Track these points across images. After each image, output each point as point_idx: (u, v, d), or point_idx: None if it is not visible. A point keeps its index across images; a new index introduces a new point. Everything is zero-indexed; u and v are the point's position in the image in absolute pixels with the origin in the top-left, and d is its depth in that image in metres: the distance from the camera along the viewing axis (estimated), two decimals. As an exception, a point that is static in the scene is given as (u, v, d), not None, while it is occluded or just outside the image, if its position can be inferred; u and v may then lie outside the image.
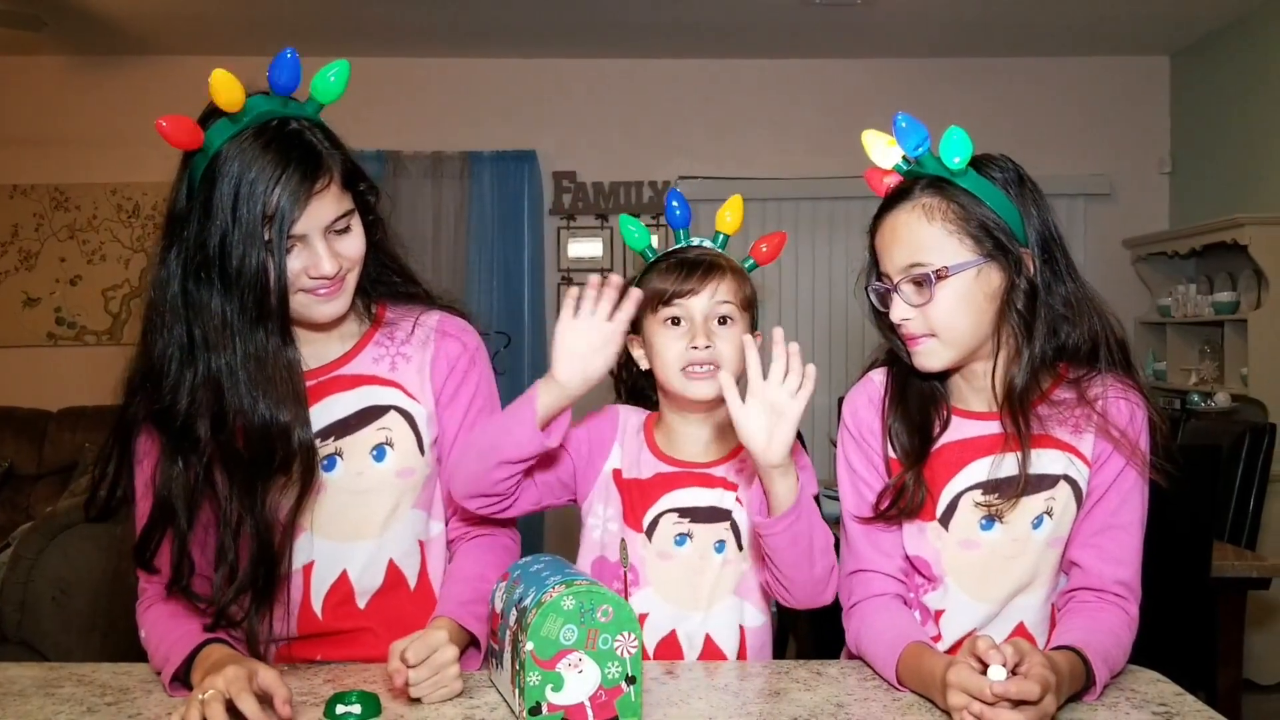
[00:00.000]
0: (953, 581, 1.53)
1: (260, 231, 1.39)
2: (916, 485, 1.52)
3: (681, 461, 1.64)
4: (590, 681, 1.25)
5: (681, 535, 1.60)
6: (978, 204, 1.46)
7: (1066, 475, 1.50)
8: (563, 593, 1.24)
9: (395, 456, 1.57)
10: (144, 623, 1.51)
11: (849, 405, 1.64)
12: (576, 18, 5.10)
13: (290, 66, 1.45)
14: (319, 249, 1.44)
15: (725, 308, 1.60)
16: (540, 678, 1.24)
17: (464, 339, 1.65)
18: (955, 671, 1.26)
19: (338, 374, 1.58)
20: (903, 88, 5.65)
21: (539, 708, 1.24)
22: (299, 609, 1.56)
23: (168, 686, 1.40)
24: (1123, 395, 1.50)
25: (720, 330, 1.60)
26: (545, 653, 1.24)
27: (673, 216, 1.70)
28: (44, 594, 3.02)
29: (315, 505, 1.53)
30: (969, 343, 1.48)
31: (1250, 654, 3.79)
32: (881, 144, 1.54)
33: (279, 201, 1.39)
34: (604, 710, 1.26)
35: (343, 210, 1.47)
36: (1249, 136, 5.01)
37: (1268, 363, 4.46)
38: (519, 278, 5.70)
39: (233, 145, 1.41)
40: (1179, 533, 2.78)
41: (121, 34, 5.28)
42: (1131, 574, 1.49)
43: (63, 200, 5.70)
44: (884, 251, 1.50)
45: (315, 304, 1.49)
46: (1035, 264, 1.47)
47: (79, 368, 5.64)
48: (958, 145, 1.45)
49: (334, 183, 1.45)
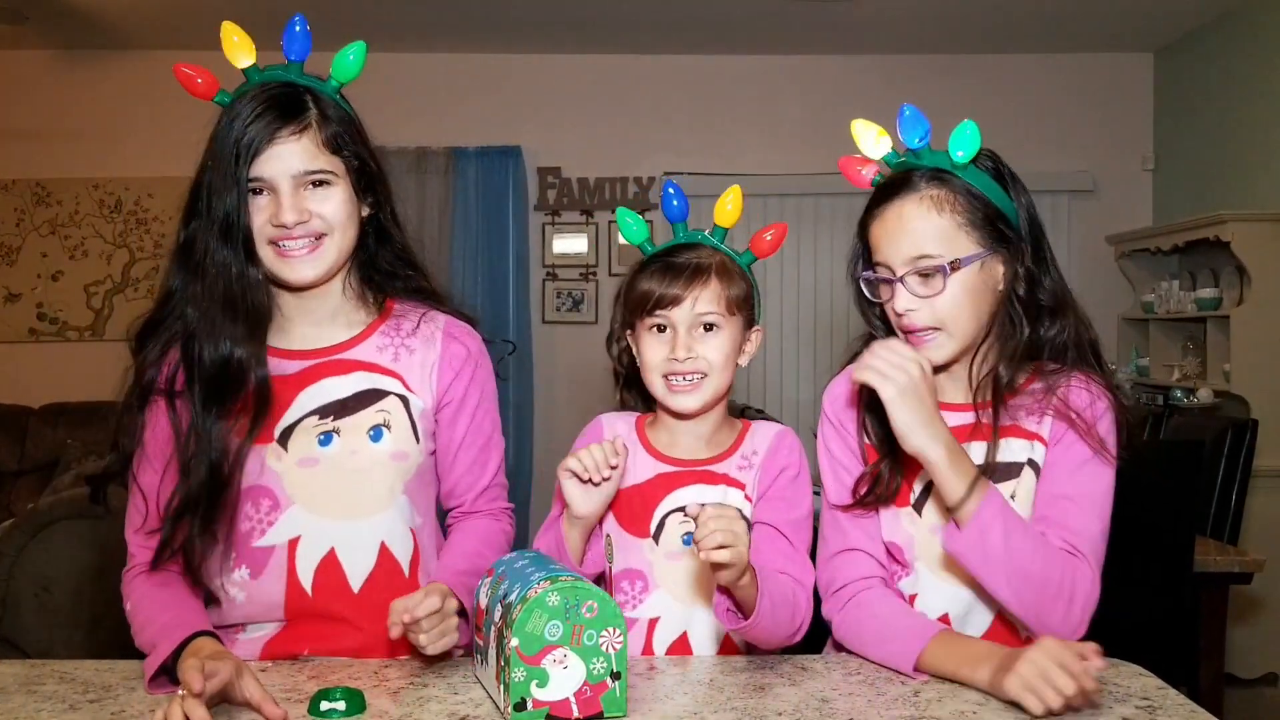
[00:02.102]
0: (924, 567, 1.54)
1: (232, 168, 1.47)
2: (892, 473, 1.54)
3: (682, 460, 1.63)
4: (575, 677, 1.25)
5: (688, 534, 1.57)
6: (980, 196, 1.48)
7: (1030, 460, 1.52)
8: (548, 588, 1.24)
9: (391, 439, 1.59)
10: (130, 592, 1.53)
11: (829, 394, 1.65)
12: (562, 13, 5.09)
13: (300, 35, 1.56)
14: (284, 197, 1.50)
15: (709, 316, 1.57)
16: (525, 673, 1.24)
17: (469, 343, 1.68)
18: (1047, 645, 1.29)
19: (339, 357, 1.61)
20: (888, 83, 5.65)
21: (524, 704, 1.24)
22: (286, 586, 1.56)
23: (149, 684, 1.38)
24: (1085, 385, 1.51)
25: (704, 337, 1.57)
26: (530, 648, 1.24)
27: (670, 209, 1.66)
28: (26, 591, 3.00)
29: (306, 480, 1.55)
30: (971, 334, 1.50)
31: (1232, 648, 3.81)
32: (872, 134, 1.54)
33: (248, 136, 1.47)
34: (589, 706, 1.25)
35: (318, 166, 1.51)
36: (1232, 133, 5.03)
37: (1250, 359, 4.48)
38: (503, 274, 5.69)
39: (238, 99, 1.51)
40: (1162, 528, 2.80)
41: (104, 28, 5.25)
42: (1084, 542, 1.44)
43: (44, 195, 5.67)
44: (886, 241, 1.49)
45: (282, 263, 1.53)
46: (1029, 254, 1.49)
47: (61, 364, 5.60)
48: (969, 140, 1.47)
49: (310, 134, 1.51)
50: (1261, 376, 4.46)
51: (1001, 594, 1.40)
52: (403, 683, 1.43)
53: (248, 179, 1.48)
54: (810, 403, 5.08)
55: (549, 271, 5.77)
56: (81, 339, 5.67)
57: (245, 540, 1.56)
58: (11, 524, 3.15)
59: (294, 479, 1.55)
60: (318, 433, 1.56)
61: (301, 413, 1.57)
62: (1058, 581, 1.40)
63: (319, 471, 1.56)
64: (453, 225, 5.68)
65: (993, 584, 1.40)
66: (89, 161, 5.65)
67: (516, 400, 5.62)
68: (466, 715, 1.31)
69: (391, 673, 1.47)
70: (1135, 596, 2.77)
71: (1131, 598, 2.77)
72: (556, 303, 5.77)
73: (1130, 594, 2.84)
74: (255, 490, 1.55)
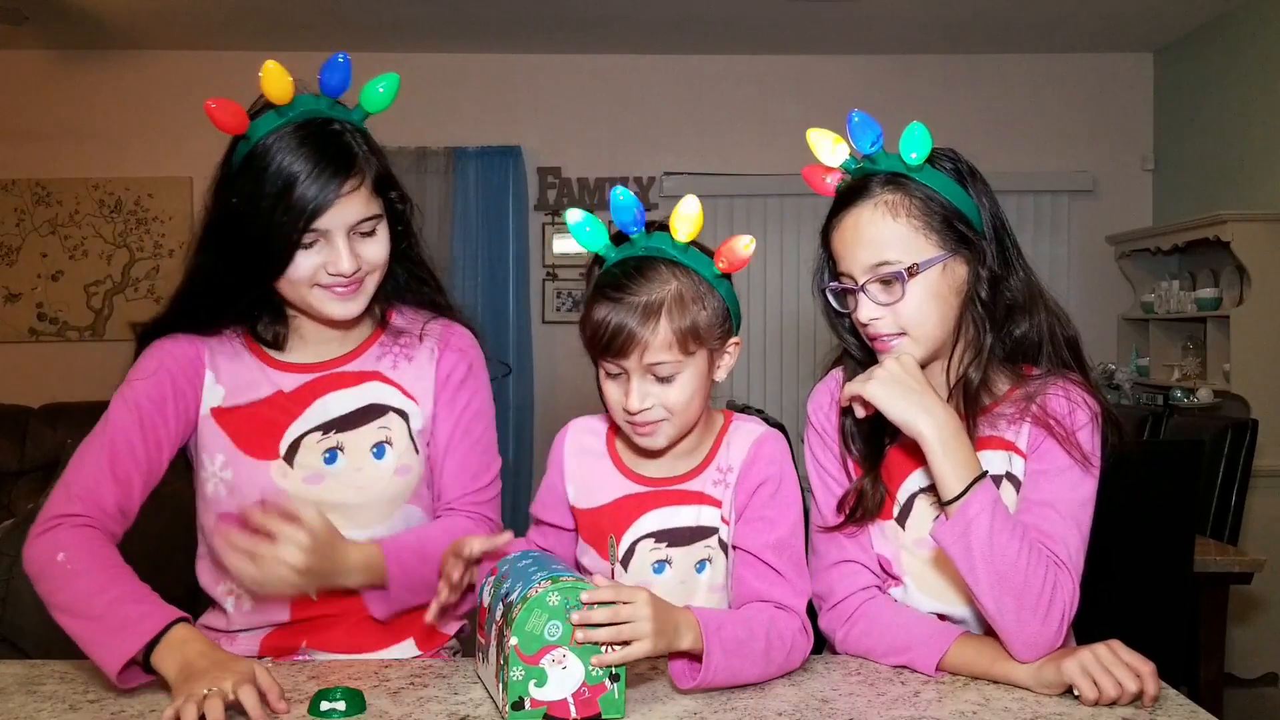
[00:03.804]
0: (911, 581, 1.54)
1: (283, 220, 1.44)
2: (874, 487, 1.53)
3: (652, 479, 1.52)
4: (574, 678, 1.25)
5: (660, 562, 1.50)
6: (938, 198, 1.45)
7: (1008, 473, 1.50)
8: (548, 588, 1.24)
9: (393, 454, 1.60)
10: (62, 542, 1.43)
11: (813, 402, 1.64)
12: (562, 13, 5.09)
13: (342, 69, 1.51)
14: (340, 246, 1.48)
15: (661, 368, 1.40)
16: (524, 673, 1.23)
17: (465, 349, 1.69)
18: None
19: (340, 370, 1.61)
20: (886, 84, 5.66)
21: (521, 703, 1.24)
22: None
23: (119, 675, 1.34)
24: (1064, 393, 1.48)
25: (661, 385, 1.41)
26: (529, 648, 1.23)
27: (624, 225, 1.47)
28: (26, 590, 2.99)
29: (313, 496, 1.55)
30: (938, 338, 1.48)
31: (1232, 648, 3.82)
32: (828, 142, 1.52)
33: (308, 194, 1.44)
34: (587, 707, 1.25)
35: (370, 213, 1.51)
36: (1232, 133, 5.03)
37: (1250, 359, 4.49)
38: (503, 274, 5.69)
39: (275, 137, 1.46)
40: (1162, 528, 2.79)
41: (103, 28, 5.25)
42: (1064, 549, 1.40)
43: (44, 195, 5.67)
44: (845, 251, 1.48)
45: (331, 301, 1.53)
46: (992, 254, 1.47)
47: (61, 364, 5.60)
48: (918, 141, 1.44)
49: (365, 185, 1.50)
50: (1261, 376, 4.46)
51: (981, 592, 1.37)
52: (403, 683, 1.43)
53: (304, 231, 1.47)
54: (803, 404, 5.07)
55: (549, 271, 5.77)
56: (81, 339, 5.67)
57: None
58: (12, 524, 3.15)
59: (300, 495, 1.55)
60: (323, 450, 1.57)
61: (306, 427, 1.57)
62: (1038, 588, 1.35)
63: (324, 489, 1.57)
64: (453, 225, 5.68)
65: (973, 580, 1.37)
66: (89, 161, 5.64)
67: (517, 400, 5.61)
68: (466, 715, 1.31)
69: (391, 673, 1.47)
70: (1135, 596, 2.77)
71: (1131, 598, 2.78)
72: (556, 303, 5.77)
73: (1130, 594, 2.85)
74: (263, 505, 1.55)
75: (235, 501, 1.54)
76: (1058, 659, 1.34)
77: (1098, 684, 1.30)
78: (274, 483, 1.55)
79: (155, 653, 1.34)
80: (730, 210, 5.66)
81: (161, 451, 1.54)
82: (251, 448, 1.56)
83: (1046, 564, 1.37)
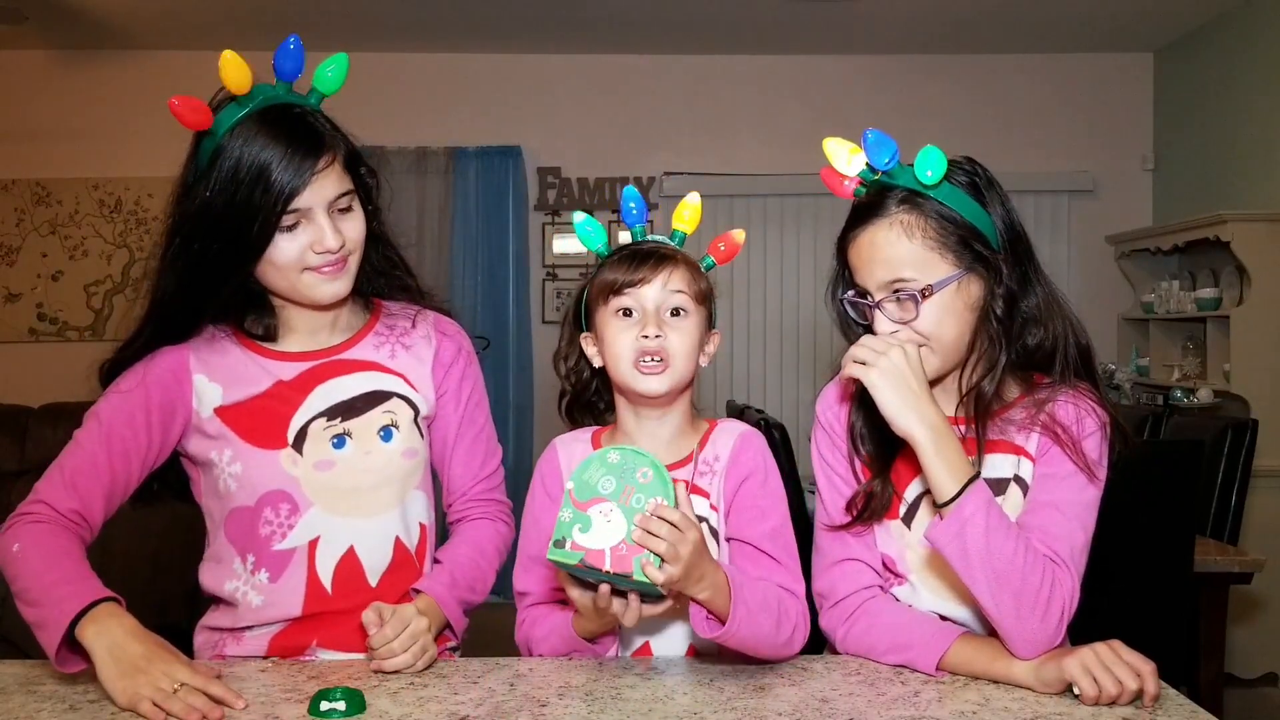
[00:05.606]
0: (916, 580, 1.55)
1: (262, 203, 1.46)
2: (884, 487, 1.54)
3: None
4: (616, 533, 1.31)
5: None
6: (953, 216, 1.45)
7: (1016, 476, 1.51)
8: (610, 447, 1.35)
9: (400, 437, 1.64)
10: (18, 536, 1.48)
11: (822, 402, 1.64)
12: (562, 13, 5.09)
13: (294, 55, 1.53)
14: (323, 223, 1.51)
15: (678, 298, 1.52)
16: (572, 515, 1.32)
17: (459, 340, 1.75)
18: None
19: (339, 358, 1.64)
20: (887, 84, 5.66)
21: (563, 542, 1.31)
22: (307, 586, 1.58)
23: (57, 658, 1.36)
24: (1073, 401, 1.49)
25: (673, 322, 1.52)
26: (582, 495, 1.32)
27: (628, 215, 1.64)
28: (26, 591, 3.00)
29: (324, 482, 1.58)
30: (956, 350, 1.49)
31: (1232, 648, 3.82)
32: (844, 152, 1.52)
33: (285, 176, 1.46)
34: (621, 563, 1.30)
35: (345, 189, 1.54)
36: (1232, 133, 5.04)
37: (1250, 359, 4.49)
38: (503, 274, 5.70)
39: (241, 127, 1.48)
40: (1162, 528, 2.80)
41: (103, 28, 5.25)
42: (1066, 549, 1.41)
43: (44, 195, 5.67)
44: (862, 268, 1.49)
45: (320, 284, 1.55)
46: (1008, 270, 1.47)
47: (61, 364, 5.59)
48: (933, 162, 1.44)
49: (337, 162, 1.53)
50: (1261, 376, 4.47)
51: (979, 591, 1.37)
52: (403, 683, 1.43)
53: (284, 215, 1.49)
54: (813, 403, 5.07)
55: (549, 271, 5.77)
56: (81, 339, 5.67)
57: (265, 544, 1.58)
58: (11, 524, 3.14)
59: (312, 482, 1.58)
60: (330, 436, 1.59)
61: (311, 414, 1.59)
62: (1036, 586, 1.36)
63: (335, 474, 1.59)
64: (453, 225, 5.68)
65: (970, 579, 1.38)
66: (89, 161, 5.65)
67: (517, 400, 5.62)
68: (466, 715, 1.31)
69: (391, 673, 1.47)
70: (1135, 596, 2.77)
71: (1131, 598, 2.78)
72: (556, 303, 5.77)
73: (1130, 594, 2.85)
74: (273, 495, 1.57)
75: (246, 495, 1.57)
76: (1058, 657, 1.35)
77: (1098, 682, 1.30)
78: (284, 471, 1.57)
79: (79, 628, 1.35)
80: (730, 210, 5.65)
81: (130, 465, 1.55)
82: (259, 439, 1.57)
83: (1044, 561, 1.38)
